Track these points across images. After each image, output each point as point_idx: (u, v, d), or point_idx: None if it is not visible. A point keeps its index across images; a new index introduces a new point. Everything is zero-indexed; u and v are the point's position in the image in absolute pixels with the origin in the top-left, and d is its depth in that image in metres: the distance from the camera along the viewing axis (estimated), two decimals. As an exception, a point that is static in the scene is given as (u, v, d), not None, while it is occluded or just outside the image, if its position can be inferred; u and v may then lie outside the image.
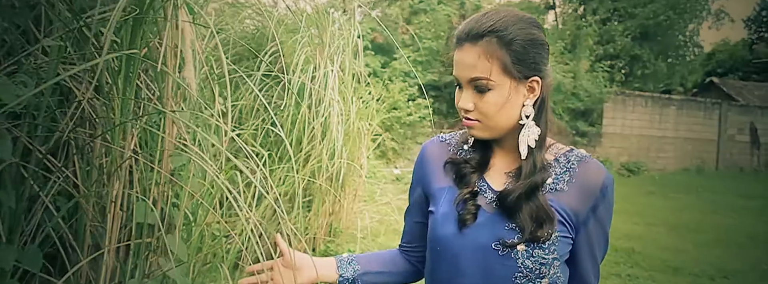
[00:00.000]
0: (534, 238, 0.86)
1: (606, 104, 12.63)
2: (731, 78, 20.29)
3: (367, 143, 3.82)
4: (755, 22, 23.57)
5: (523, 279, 0.88)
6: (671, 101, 14.09)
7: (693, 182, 11.23)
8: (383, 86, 9.26)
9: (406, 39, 11.31)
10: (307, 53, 3.11)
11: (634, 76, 15.97)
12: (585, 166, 0.93)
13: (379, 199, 5.14)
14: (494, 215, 0.89)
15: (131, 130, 0.99)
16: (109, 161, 1.00)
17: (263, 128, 2.96)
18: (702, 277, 4.07)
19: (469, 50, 0.87)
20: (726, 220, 6.91)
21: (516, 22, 0.88)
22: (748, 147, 15.09)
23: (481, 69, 0.86)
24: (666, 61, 17.00)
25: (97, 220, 1.06)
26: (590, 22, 13.51)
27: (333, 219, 3.71)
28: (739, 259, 4.72)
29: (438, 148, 1.01)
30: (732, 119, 14.81)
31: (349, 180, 3.69)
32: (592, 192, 0.91)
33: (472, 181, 0.92)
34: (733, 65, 21.51)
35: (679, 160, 13.97)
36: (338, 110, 3.18)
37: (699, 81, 21.12)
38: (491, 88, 0.86)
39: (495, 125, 0.89)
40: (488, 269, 0.88)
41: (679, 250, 4.99)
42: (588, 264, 0.95)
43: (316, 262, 1.03)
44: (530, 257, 0.87)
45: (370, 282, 1.06)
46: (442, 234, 0.91)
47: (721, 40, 24.07)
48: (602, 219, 0.93)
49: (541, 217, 0.87)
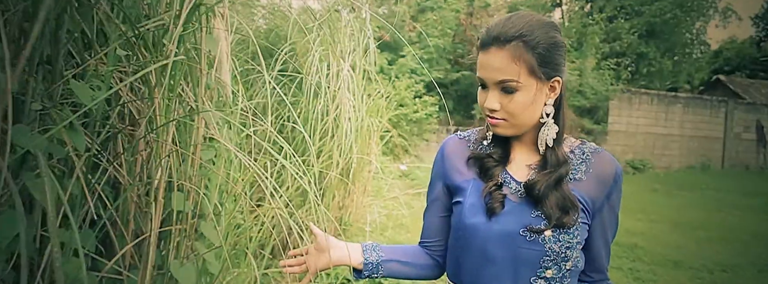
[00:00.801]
0: (561, 224, 0.92)
1: (612, 102, 12.68)
2: (738, 76, 20.23)
3: (377, 139, 3.93)
4: (763, 19, 23.46)
5: (550, 263, 0.94)
6: (677, 98, 14.09)
7: (698, 180, 11.27)
8: (390, 83, 9.35)
9: (412, 36, 11.39)
10: (320, 53, 3.22)
11: (641, 74, 15.98)
12: (599, 157, 1.00)
13: (386, 194, 5.25)
14: (520, 204, 0.95)
15: (172, 126, 1.10)
16: (151, 154, 1.12)
17: (277, 125, 3.08)
18: (701, 271, 4.17)
19: (497, 54, 0.91)
20: (729, 218, 6.97)
21: (540, 26, 0.92)
22: (754, 145, 15.08)
23: (509, 72, 0.90)
24: (672, 59, 16.99)
25: (140, 207, 1.18)
26: (597, 20, 13.54)
27: (343, 213, 3.82)
28: (740, 255, 4.81)
29: (457, 144, 1.06)
30: (738, 117, 14.79)
31: (359, 175, 3.80)
32: (607, 181, 0.98)
33: (496, 174, 0.98)
34: (740, 63, 21.44)
35: (685, 158, 13.99)
36: (350, 107, 3.29)
37: (705, 79, 21.07)
38: (518, 89, 0.91)
39: (520, 123, 0.94)
40: (516, 254, 0.94)
41: (680, 246, 5.08)
42: (601, 245, 1.02)
43: (345, 246, 1.08)
44: (557, 242, 0.93)
45: (392, 270, 1.11)
46: (471, 223, 0.96)
47: (729, 38, 23.99)
48: (614, 205, 1.01)
49: (567, 205, 0.93)
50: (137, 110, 1.20)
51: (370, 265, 1.08)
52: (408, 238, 4.58)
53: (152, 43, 1.09)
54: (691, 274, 4.11)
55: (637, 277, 3.90)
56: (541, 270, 0.94)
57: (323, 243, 1.07)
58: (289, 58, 3.19)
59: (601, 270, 1.04)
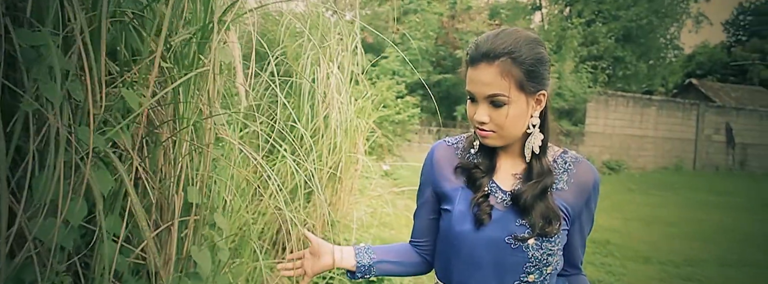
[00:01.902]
0: (544, 234, 0.96)
1: (589, 104, 13.02)
2: (710, 80, 20.89)
3: (363, 139, 4.08)
4: (733, 25, 24.27)
5: (533, 268, 0.98)
6: (652, 101, 14.53)
7: (671, 180, 11.67)
8: (372, 85, 9.50)
9: (395, 38, 11.56)
10: (311, 57, 3.36)
11: (617, 77, 16.41)
12: (579, 167, 1.04)
13: (370, 193, 5.41)
14: (506, 212, 0.99)
15: (189, 127, 1.23)
16: (175, 152, 1.25)
17: (267, 125, 3.20)
18: (668, 265, 4.42)
19: (486, 69, 0.94)
20: (698, 215, 7.30)
21: (527, 43, 0.96)
22: (724, 147, 15.62)
23: (498, 86, 0.93)
24: (647, 62, 17.47)
25: (165, 199, 1.31)
26: (575, 24, 13.88)
27: (330, 210, 3.96)
28: (705, 250, 5.09)
29: (445, 151, 1.09)
30: (709, 120, 15.31)
31: (346, 174, 3.94)
32: (586, 189, 1.03)
33: (483, 184, 1.01)
34: (711, 67, 22.14)
35: (659, 159, 14.43)
36: (339, 108, 3.43)
37: (679, 82, 21.71)
38: (507, 103, 0.94)
39: (508, 135, 0.98)
40: (501, 260, 0.98)
41: (651, 242, 5.34)
42: (578, 244, 1.08)
43: (338, 250, 1.14)
44: (540, 249, 0.97)
45: (384, 270, 1.17)
46: (459, 231, 1.00)
47: (701, 43, 24.73)
48: (592, 209, 1.06)
49: (551, 216, 0.97)
50: (153, 112, 1.33)
51: (363, 267, 1.14)
52: (392, 235, 4.74)
53: (180, 54, 1.22)
54: (659, 268, 4.35)
55: (609, 271, 4.13)
56: (523, 275, 0.99)
57: (317, 248, 1.13)
58: (281, 61, 3.33)
59: (576, 265, 1.11)
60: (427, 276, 4.09)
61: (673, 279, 4.07)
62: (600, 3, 15.79)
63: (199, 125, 1.41)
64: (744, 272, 4.38)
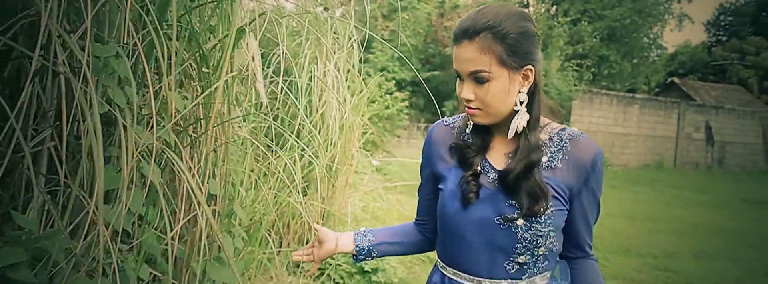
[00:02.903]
0: (531, 213, 0.94)
1: (574, 102, 13.26)
2: (691, 79, 21.36)
3: (358, 135, 4.22)
4: (714, 26, 24.80)
5: (523, 249, 0.97)
6: (635, 99, 14.84)
7: (652, 177, 11.98)
8: (361, 81, 9.59)
9: (384, 35, 11.66)
10: (309, 55, 3.48)
11: (602, 75, 16.69)
12: (576, 143, 0.99)
13: (362, 188, 5.53)
14: (496, 192, 0.98)
15: (219, 125, 1.35)
16: (203, 147, 1.37)
17: (265, 123, 3.31)
18: (647, 257, 4.63)
19: (467, 46, 0.93)
20: (678, 211, 7.56)
21: (508, 17, 0.93)
22: (703, 145, 16.03)
23: (479, 63, 0.92)
24: (631, 61, 17.79)
25: (190, 190, 1.43)
26: (562, 23, 14.09)
27: (326, 204, 4.08)
28: (682, 243, 5.32)
29: (443, 131, 1.09)
30: (689, 118, 15.69)
31: (340, 169, 4.07)
32: (584, 167, 0.98)
33: (474, 163, 1.00)
34: (693, 67, 22.63)
35: (641, 156, 14.77)
36: (336, 105, 3.56)
37: (661, 81, 22.14)
38: (490, 79, 0.93)
39: (495, 112, 0.96)
40: (491, 241, 0.98)
41: (632, 236, 5.55)
42: (582, 228, 1.04)
43: (339, 236, 1.18)
44: (529, 230, 0.96)
45: (384, 251, 1.19)
46: (449, 211, 1.01)
47: (683, 43, 25.24)
48: (594, 190, 1.01)
49: (537, 194, 0.94)
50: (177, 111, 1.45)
51: (363, 250, 1.17)
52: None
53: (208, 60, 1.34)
54: (639, 260, 4.56)
55: (592, 263, 4.31)
56: (514, 256, 0.98)
57: (322, 236, 1.18)
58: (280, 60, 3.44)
59: (582, 247, 1.07)
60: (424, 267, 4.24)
61: (652, 271, 4.27)
62: (586, 2, 16.04)
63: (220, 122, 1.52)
64: (718, 264, 4.61)
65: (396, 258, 4.13)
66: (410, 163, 8.34)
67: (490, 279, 1.00)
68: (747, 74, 20.66)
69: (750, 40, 21.39)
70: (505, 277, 0.99)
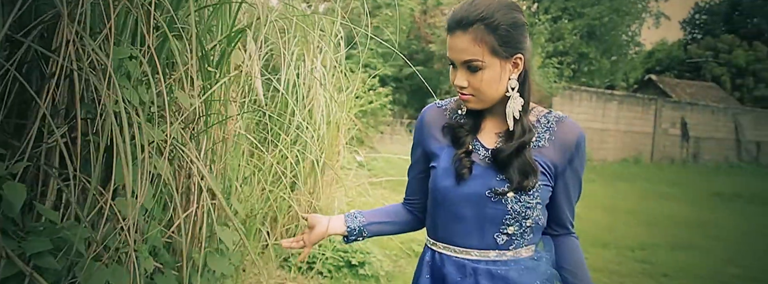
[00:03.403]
0: (521, 187, 1.01)
1: (555, 98, 13.48)
2: (667, 76, 21.84)
3: (345, 131, 4.28)
4: (690, 24, 25.37)
5: (512, 221, 1.04)
6: (613, 96, 15.14)
7: (630, 172, 12.28)
8: (345, 77, 9.62)
9: (369, 30, 11.67)
10: (297, 52, 3.52)
11: (582, 72, 16.99)
12: (562, 125, 1.08)
13: (348, 183, 5.60)
14: (487, 168, 1.05)
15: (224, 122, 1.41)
16: (203, 144, 1.42)
17: (254, 118, 3.35)
18: (625, 249, 4.80)
19: (461, 37, 0.99)
20: (654, 204, 7.80)
21: (499, 8, 0.99)
22: (678, 140, 16.46)
23: (472, 52, 0.98)
24: (610, 59, 18.13)
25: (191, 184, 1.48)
26: (542, 21, 14.29)
27: (313, 198, 4.14)
28: (658, 236, 5.51)
29: (435, 113, 1.15)
30: (666, 114, 16.07)
31: (328, 165, 4.13)
32: (569, 147, 1.06)
33: (467, 142, 1.07)
34: (669, 64, 23.14)
35: (619, 151, 15.09)
36: (323, 102, 3.61)
37: (639, 78, 22.60)
38: (482, 68, 0.99)
39: (486, 98, 1.03)
40: (482, 213, 1.04)
41: (611, 229, 5.73)
42: (565, 206, 1.11)
43: (330, 219, 1.21)
44: (518, 202, 1.03)
45: (375, 231, 1.22)
46: (443, 186, 1.07)
47: (660, 40, 25.77)
48: (577, 169, 1.08)
49: (528, 170, 1.02)
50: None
51: (354, 231, 1.20)
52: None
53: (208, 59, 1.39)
54: (617, 252, 4.72)
55: (571, 255, 4.45)
56: (503, 227, 1.05)
57: (313, 222, 1.21)
58: (269, 56, 3.48)
59: (564, 225, 1.14)
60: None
61: (629, 262, 4.43)
62: (566, 0, 16.28)
63: (220, 119, 1.58)
64: (692, 255, 4.79)
65: (382, 252, 4.21)
66: (394, 159, 8.43)
67: (479, 250, 1.06)
68: (720, 72, 21.22)
69: (723, 38, 21.96)
70: (494, 248, 1.06)
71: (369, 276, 3.58)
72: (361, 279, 3.55)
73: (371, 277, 3.57)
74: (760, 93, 20.87)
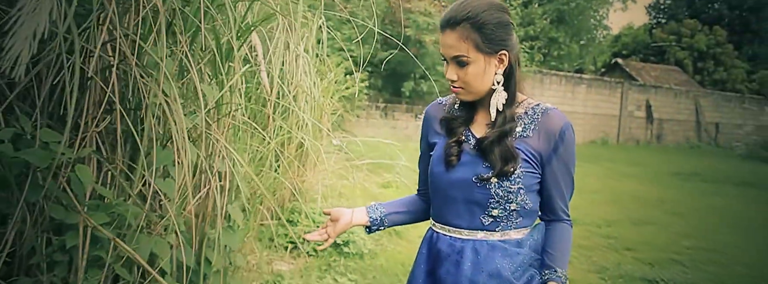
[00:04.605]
0: (502, 173, 1.10)
1: (525, 82, 13.76)
2: (633, 60, 22.48)
3: (328, 117, 4.41)
4: (655, 8, 26.05)
5: (496, 204, 1.13)
6: (582, 79, 15.57)
7: (597, 153, 12.75)
8: (321, 62, 9.66)
9: (342, 17, 11.68)
10: (281, 40, 3.62)
11: (551, 56, 17.33)
12: (547, 116, 1.15)
13: (330, 167, 5.74)
14: (475, 156, 1.14)
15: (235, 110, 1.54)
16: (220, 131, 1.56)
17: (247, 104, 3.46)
18: (592, 226, 5.13)
19: (450, 34, 1.09)
20: (618, 183, 8.22)
21: (485, 8, 1.08)
22: (644, 122, 17.09)
23: (459, 48, 1.08)
24: (579, 43, 18.54)
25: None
26: (514, 6, 14.49)
27: (297, 182, 4.29)
28: (621, 212, 5.89)
29: (436, 108, 1.27)
30: (631, 97, 16.64)
31: (312, 149, 4.27)
32: (553, 136, 1.13)
33: (458, 132, 1.17)
34: (635, 48, 23.77)
35: (587, 133, 15.60)
36: (308, 87, 3.74)
37: (607, 61, 23.18)
38: (469, 63, 1.08)
39: (475, 90, 1.13)
40: (469, 196, 1.14)
41: (578, 207, 6.06)
42: (554, 193, 1.18)
43: (352, 211, 1.31)
44: (500, 187, 1.11)
45: (394, 221, 1.33)
46: (436, 172, 1.18)
47: (627, 24, 26.39)
48: (563, 157, 1.15)
49: (508, 157, 1.10)
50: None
51: (376, 221, 1.31)
52: (348, 204, 5.15)
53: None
54: (584, 229, 5.04)
55: (542, 231, 4.74)
56: (489, 210, 1.14)
57: (337, 215, 1.31)
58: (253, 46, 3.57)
59: (554, 211, 1.21)
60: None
61: (595, 237, 4.75)
62: (536, -16, 16.51)
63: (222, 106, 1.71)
64: (652, 230, 5.15)
65: (364, 232, 4.41)
66: (371, 142, 8.60)
67: (469, 230, 1.17)
68: (683, 56, 21.95)
69: (686, 23, 22.65)
70: (481, 228, 1.16)
71: (353, 254, 3.77)
72: (346, 256, 3.73)
73: (355, 255, 3.76)
74: (719, 76, 21.75)
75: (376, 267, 3.56)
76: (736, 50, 22.44)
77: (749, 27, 23.38)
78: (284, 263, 3.55)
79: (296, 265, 3.50)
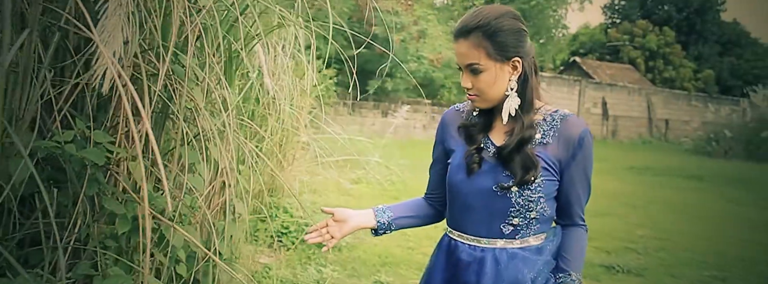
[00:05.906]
0: (523, 182, 1.09)
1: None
2: (590, 58, 23.35)
3: (305, 115, 4.52)
4: (610, 9, 27.06)
5: (516, 213, 1.12)
6: (542, 77, 16.02)
7: (556, 148, 13.25)
8: (293, 60, 9.69)
9: (310, 13, 11.72)
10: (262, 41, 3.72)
11: (513, 54, 17.80)
12: (566, 123, 1.14)
13: (303, 163, 5.85)
14: (495, 164, 1.13)
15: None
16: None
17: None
18: (554, 217, 5.43)
19: (463, 43, 1.10)
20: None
21: (497, 17, 1.09)
22: (600, 119, 17.84)
23: (472, 57, 1.09)
24: (539, 41, 19.13)
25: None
26: (477, 4, 14.85)
27: (275, 178, 4.39)
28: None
29: (454, 115, 1.26)
30: (589, 95, 17.33)
31: (288, 147, 4.39)
32: (571, 143, 1.12)
33: (478, 140, 1.16)
34: (592, 47, 24.68)
35: (547, 129, 16.14)
36: (286, 85, 3.85)
37: (566, 59, 23.99)
38: (482, 70, 1.09)
39: (489, 98, 1.12)
40: (490, 205, 1.12)
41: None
42: (572, 199, 1.17)
43: (359, 213, 1.27)
44: (521, 196, 1.10)
45: (401, 224, 1.30)
46: (456, 180, 1.16)
47: (584, 24, 27.34)
48: (581, 164, 1.14)
49: (528, 165, 1.09)
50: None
51: (384, 225, 1.27)
52: (321, 200, 5.28)
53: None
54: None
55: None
56: (509, 219, 1.13)
57: (340, 216, 1.25)
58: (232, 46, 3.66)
59: (571, 216, 1.21)
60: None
61: (556, 228, 5.05)
62: (499, -17, 16.91)
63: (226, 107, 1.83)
64: (610, 221, 5.50)
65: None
66: (341, 138, 8.72)
67: (488, 239, 1.16)
68: (636, 55, 22.96)
69: (638, 23, 23.69)
70: (501, 237, 1.15)
71: (332, 246, 3.91)
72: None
73: (334, 247, 3.90)
74: (669, 75, 22.88)
75: (354, 259, 3.72)
76: (683, 50, 23.64)
77: (695, 28, 24.65)
78: (265, 256, 3.66)
79: (276, 258, 3.62)
